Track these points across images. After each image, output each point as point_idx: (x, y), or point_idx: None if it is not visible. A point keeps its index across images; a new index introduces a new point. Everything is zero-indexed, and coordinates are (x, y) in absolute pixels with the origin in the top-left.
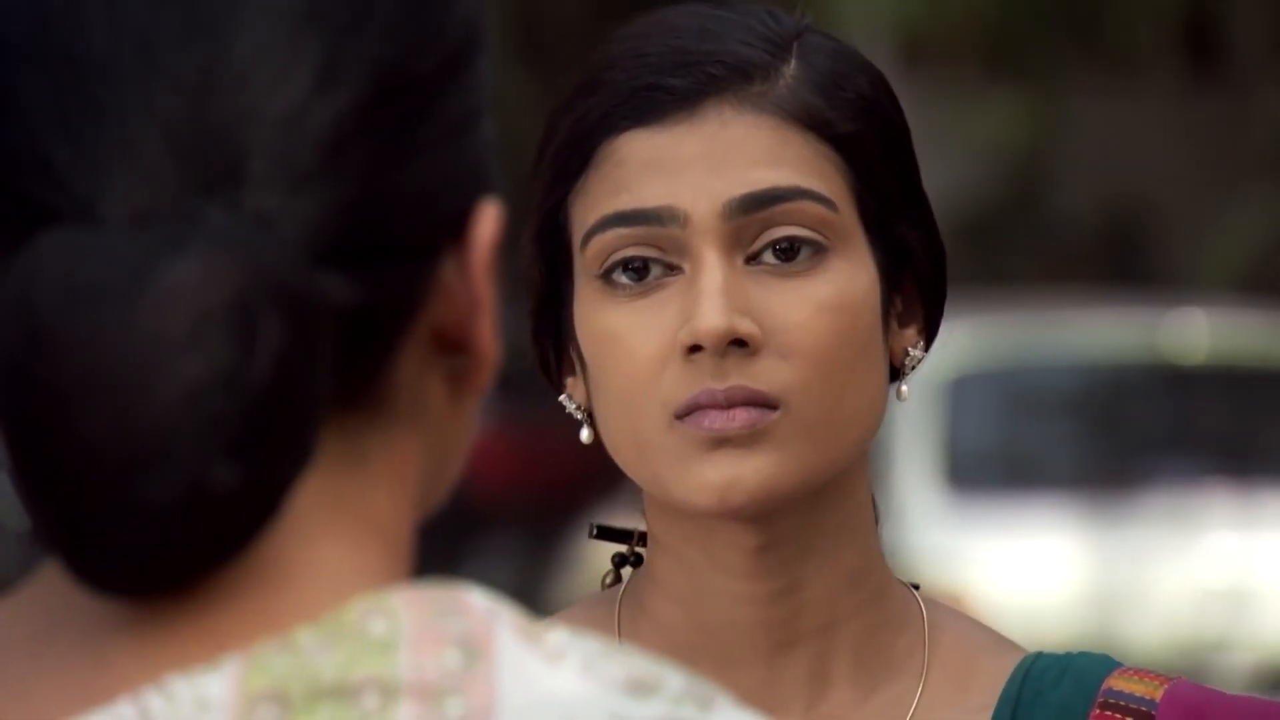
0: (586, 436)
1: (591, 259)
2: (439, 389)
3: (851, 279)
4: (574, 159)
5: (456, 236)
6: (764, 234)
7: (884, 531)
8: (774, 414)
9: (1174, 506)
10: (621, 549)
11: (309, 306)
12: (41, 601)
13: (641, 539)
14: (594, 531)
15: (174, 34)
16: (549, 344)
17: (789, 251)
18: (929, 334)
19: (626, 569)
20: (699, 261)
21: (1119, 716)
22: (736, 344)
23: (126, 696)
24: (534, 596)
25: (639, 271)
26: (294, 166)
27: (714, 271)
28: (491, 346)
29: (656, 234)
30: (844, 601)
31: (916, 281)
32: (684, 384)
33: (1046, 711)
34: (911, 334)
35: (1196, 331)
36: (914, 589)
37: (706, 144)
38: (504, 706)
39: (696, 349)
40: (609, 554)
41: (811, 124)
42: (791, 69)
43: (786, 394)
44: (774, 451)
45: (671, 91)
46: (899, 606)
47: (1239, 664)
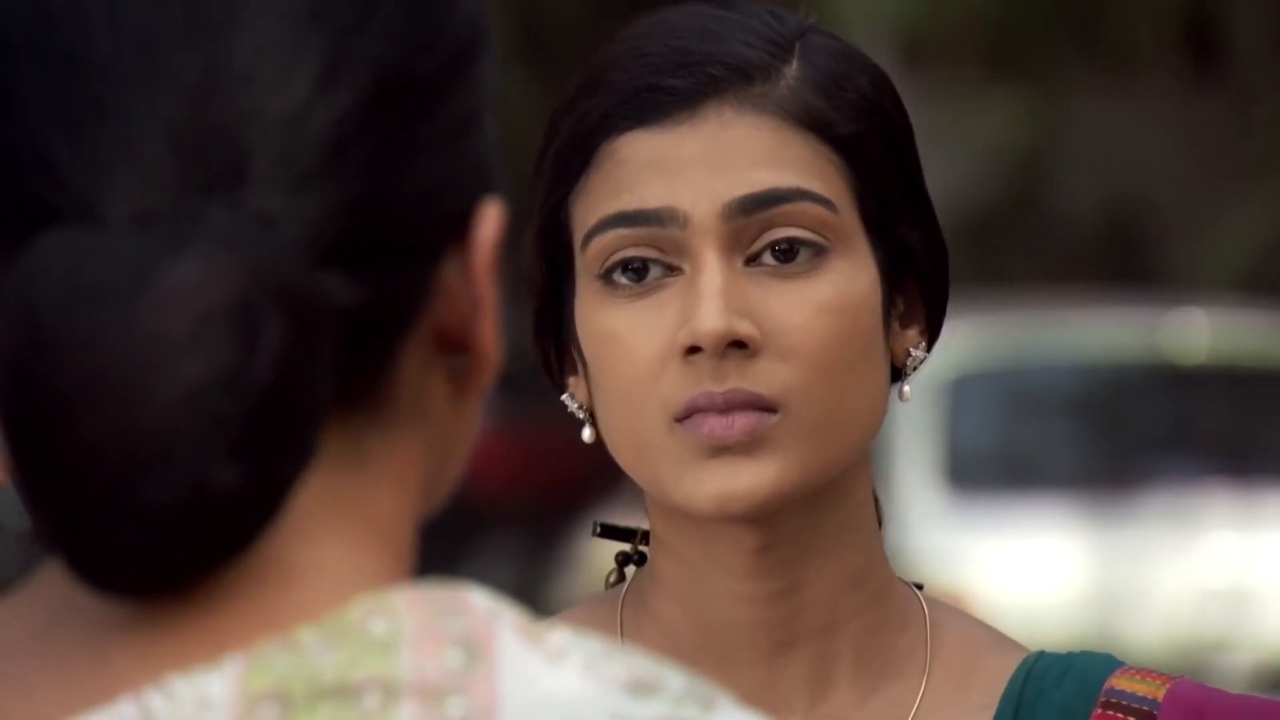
0: (588, 436)
1: (592, 259)
2: (441, 389)
3: (852, 280)
4: (575, 159)
5: (458, 236)
6: (764, 235)
7: (885, 531)
8: (773, 417)
9: (1174, 506)
10: (625, 547)
11: (310, 306)
12: (43, 601)
13: (645, 538)
14: (597, 530)
15: (176, 34)
16: (551, 343)
17: (789, 253)
18: (931, 334)
19: (630, 567)
20: (699, 262)
21: (1121, 716)
22: (736, 345)
23: (128, 696)
24: (535, 596)
25: (639, 272)
26: (296, 166)
27: (713, 273)
28: (493, 346)
29: (656, 234)
30: (845, 601)
31: (918, 282)
32: (683, 385)
33: (1048, 711)
34: (913, 335)
35: (1197, 331)
36: (917, 589)
37: (707, 145)
38: (505, 706)
39: (695, 350)
40: (610, 554)
41: (812, 125)
42: (793, 70)
43: (786, 396)
44: (774, 456)
45: (672, 92)
46: (901, 606)
47: (1239, 664)
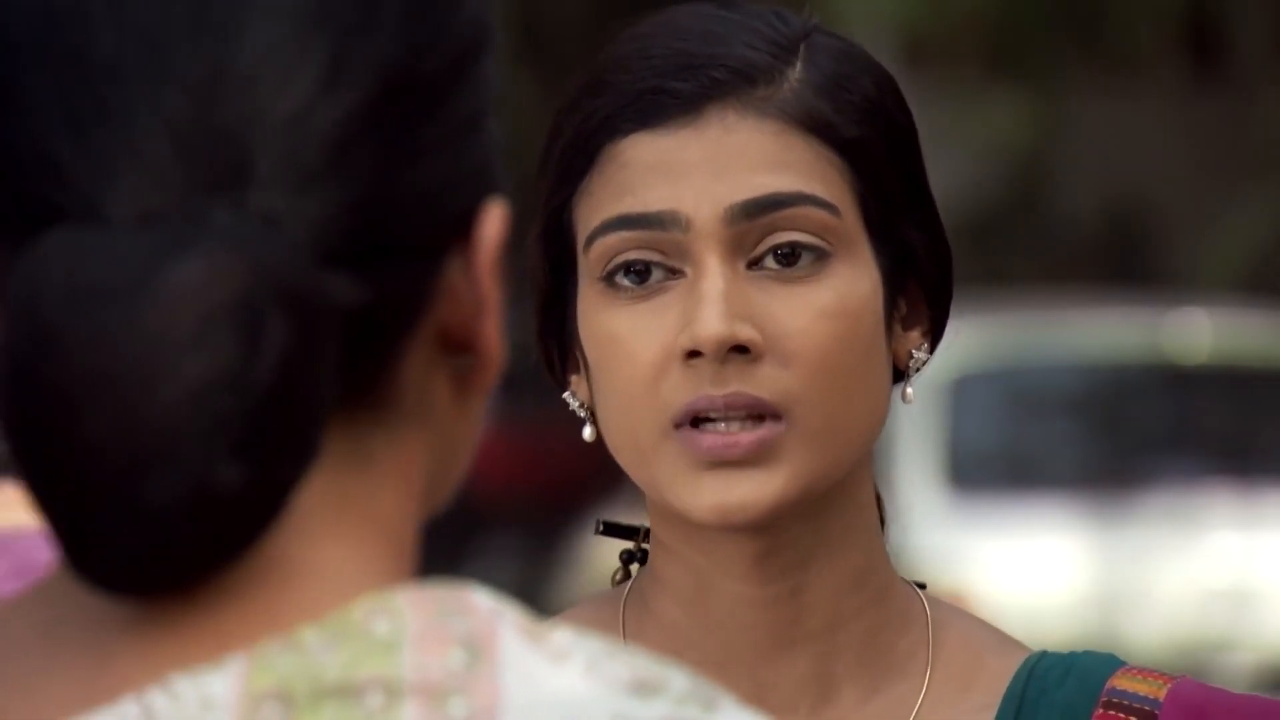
0: (590, 435)
1: (594, 261)
2: (444, 389)
3: (853, 284)
4: (578, 160)
5: (462, 236)
6: (766, 239)
7: (887, 531)
8: (779, 426)
9: (1176, 506)
10: (628, 545)
11: (314, 306)
12: (46, 600)
13: (647, 535)
14: (600, 528)
15: (181, 34)
16: (553, 342)
17: (790, 257)
18: (934, 336)
19: (635, 565)
20: (700, 266)
21: (1122, 716)
22: (737, 350)
23: (131, 695)
24: (536, 596)
25: (641, 274)
26: (300, 167)
27: (715, 277)
28: (497, 346)
29: (659, 238)
30: (848, 602)
31: (921, 283)
32: (682, 389)
33: (1050, 711)
34: (915, 336)
35: (1198, 331)
36: (920, 588)
37: (710, 148)
38: (508, 706)
39: (696, 354)
40: (612, 554)
41: (815, 128)
42: (796, 72)
43: (788, 401)
44: (777, 467)
45: (675, 95)
46: (902, 606)
47: (1241, 664)
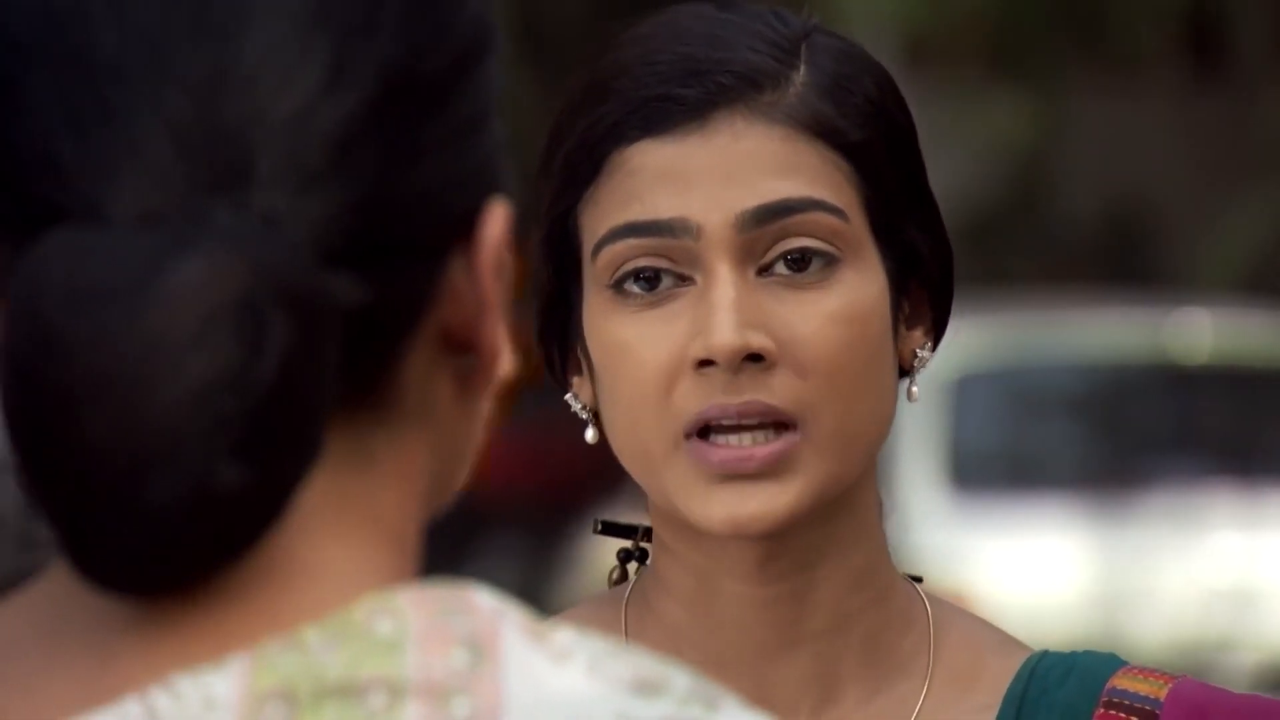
0: (592, 436)
1: (602, 269)
2: (447, 389)
3: (862, 288)
4: (584, 166)
5: (464, 236)
6: (776, 245)
7: (888, 531)
8: (794, 437)
9: (1177, 506)
10: (626, 544)
11: (316, 306)
12: (49, 600)
13: (647, 534)
14: (599, 527)
15: (183, 34)
16: (555, 344)
17: (801, 262)
18: (936, 334)
19: (633, 564)
20: (711, 274)
21: (1123, 715)
22: (751, 359)
23: (133, 695)
24: (539, 596)
25: (650, 281)
26: (302, 167)
27: (726, 285)
28: (499, 346)
29: (669, 245)
30: (850, 602)
31: (923, 283)
32: (694, 398)
33: (1051, 711)
34: (919, 335)
35: (1199, 331)
36: (916, 581)
37: (718, 155)
38: (511, 706)
39: (708, 363)
40: (613, 554)
41: (821, 132)
42: (800, 75)
43: (802, 410)
44: (791, 478)
45: (682, 102)
46: (904, 605)
47: (1243, 664)
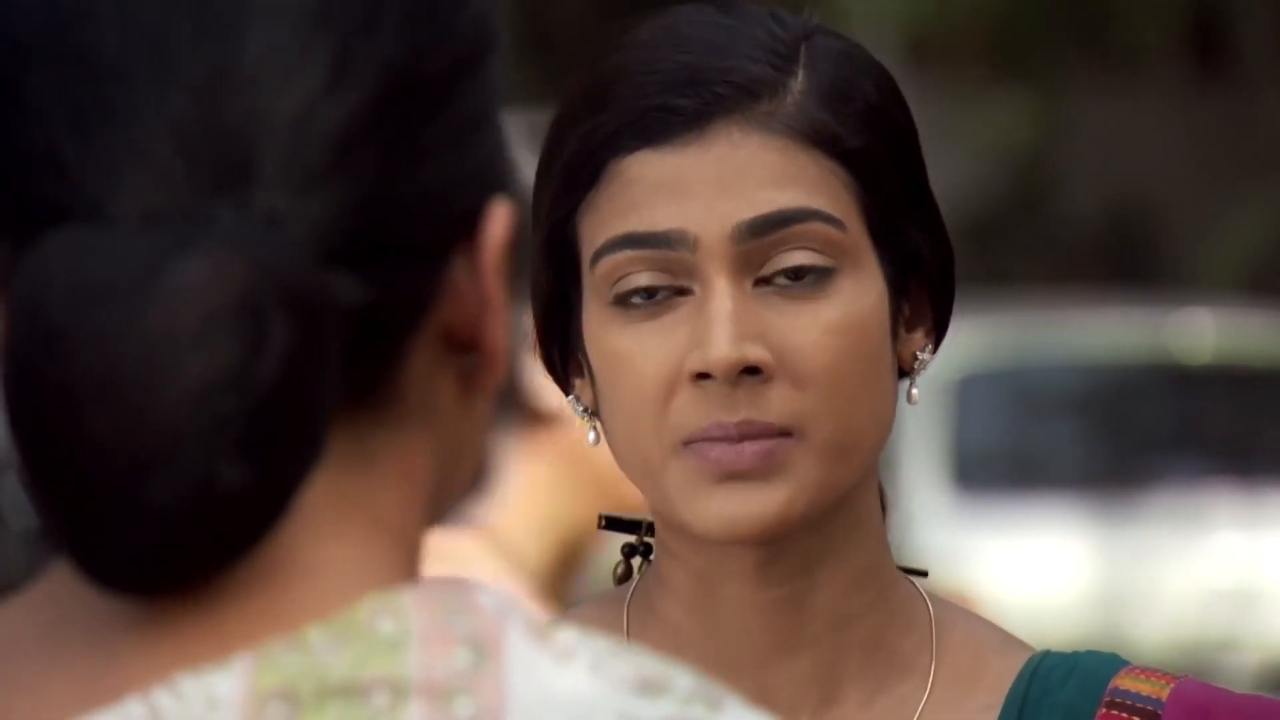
0: (592, 439)
1: (601, 279)
2: (449, 388)
3: (860, 297)
4: (583, 174)
5: (466, 236)
6: (773, 256)
7: (890, 530)
8: (787, 440)
9: (1179, 506)
10: (630, 539)
11: (317, 306)
12: (51, 600)
13: (650, 529)
14: (602, 522)
15: (185, 34)
16: (555, 346)
17: (799, 271)
18: (937, 335)
19: (636, 559)
20: (709, 286)
21: (1125, 715)
22: (748, 371)
23: (136, 695)
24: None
25: (649, 291)
26: (304, 166)
27: (724, 297)
28: (502, 346)
29: (666, 257)
30: (852, 604)
31: (924, 284)
32: (693, 412)
33: (1053, 711)
34: (919, 337)
35: (1201, 331)
36: (921, 575)
37: (715, 166)
38: (513, 705)
39: (705, 376)
40: (616, 554)
41: (819, 141)
42: (799, 82)
43: (800, 421)
44: (786, 481)
45: (680, 113)
46: (905, 605)
47: (1244, 663)
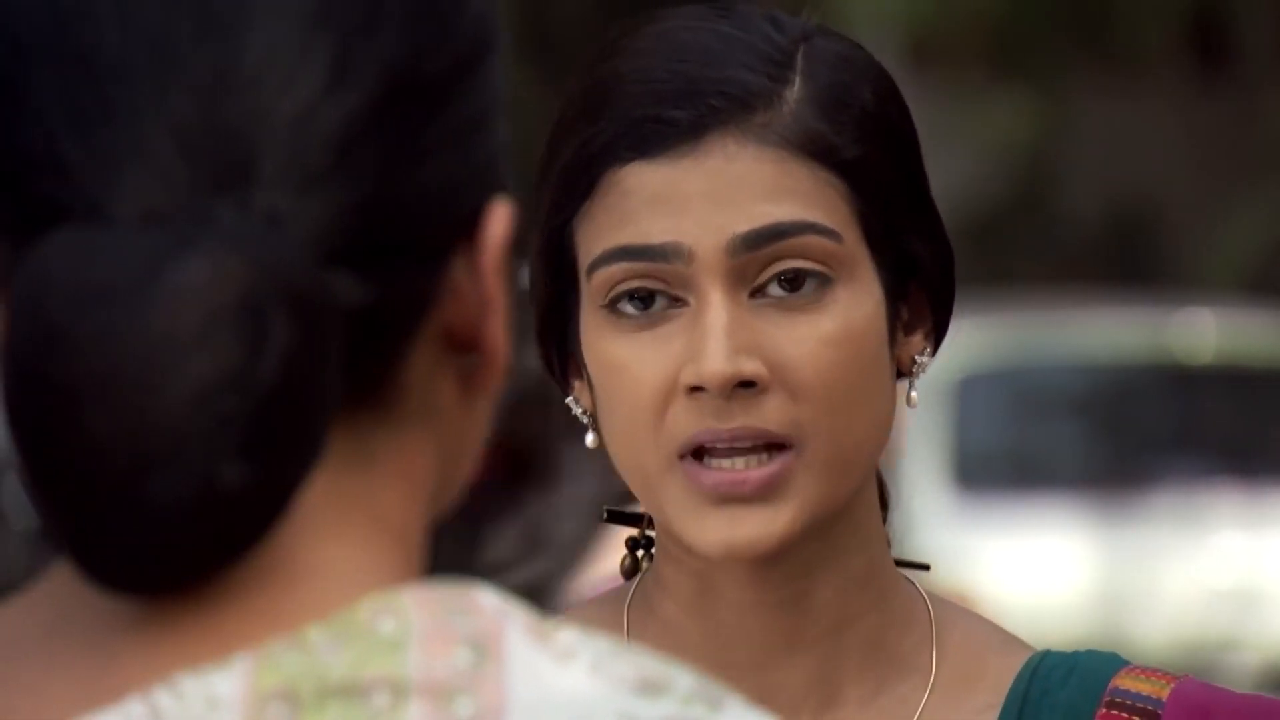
0: (591, 441)
1: (596, 289)
2: (450, 388)
3: (857, 307)
4: (579, 183)
5: (467, 236)
6: (769, 268)
7: (891, 529)
8: (786, 459)
9: (1181, 506)
10: (633, 533)
11: (318, 306)
12: (51, 600)
13: (651, 522)
14: (605, 516)
15: (186, 34)
16: (555, 349)
17: (794, 283)
18: (937, 337)
19: (641, 553)
20: (704, 298)
21: (1125, 716)
22: (743, 384)
23: (136, 695)
24: (542, 595)
25: (645, 301)
26: (304, 166)
27: (718, 310)
28: (502, 346)
29: (661, 269)
30: (852, 604)
31: (924, 287)
32: (686, 422)
33: (1053, 711)
34: (918, 340)
35: (1203, 331)
36: (924, 569)
37: (710, 179)
38: (514, 705)
39: (700, 389)
40: (616, 555)
41: (815, 152)
42: (795, 91)
43: (796, 431)
44: (785, 501)
45: (674, 124)
46: (906, 605)
47: (1246, 664)
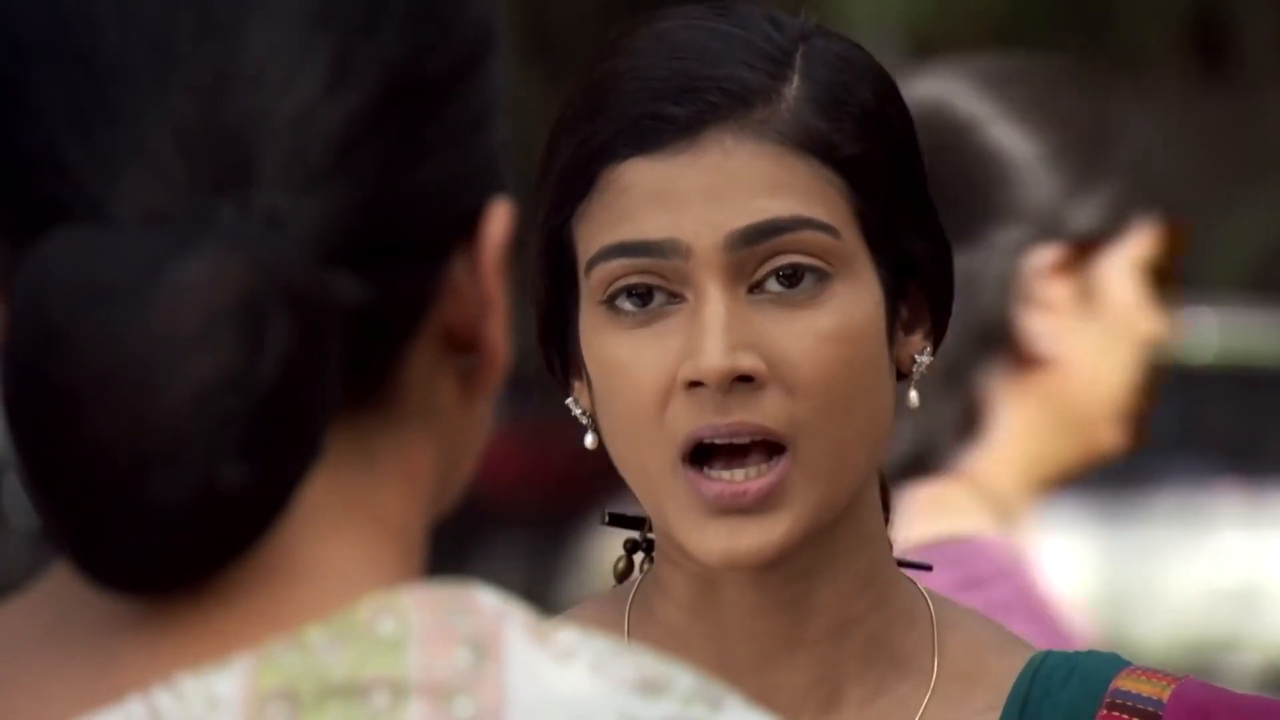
0: (591, 442)
1: (595, 286)
2: (450, 388)
3: (855, 305)
4: (578, 182)
5: (467, 236)
6: (766, 263)
7: (892, 530)
8: (784, 465)
9: (1183, 506)
10: (633, 536)
11: (318, 306)
12: (52, 600)
13: (652, 525)
14: (606, 519)
15: (187, 34)
16: (555, 349)
17: (793, 278)
18: (936, 337)
19: (639, 555)
20: (701, 294)
21: (1126, 717)
22: (741, 380)
23: (136, 695)
24: (542, 595)
25: (643, 297)
26: (305, 166)
27: (716, 305)
28: (502, 346)
29: (659, 265)
30: (853, 605)
31: (923, 287)
32: (686, 418)
33: (1054, 712)
34: (918, 340)
35: (1205, 331)
36: (926, 569)
37: (708, 175)
38: (514, 706)
39: (699, 384)
40: (617, 554)
41: (813, 149)
42: (793, 89)
43: (793, 430)
44: (784, 510)
45: (673, 121)
46: (907, 605)
47: (1247, 663)
